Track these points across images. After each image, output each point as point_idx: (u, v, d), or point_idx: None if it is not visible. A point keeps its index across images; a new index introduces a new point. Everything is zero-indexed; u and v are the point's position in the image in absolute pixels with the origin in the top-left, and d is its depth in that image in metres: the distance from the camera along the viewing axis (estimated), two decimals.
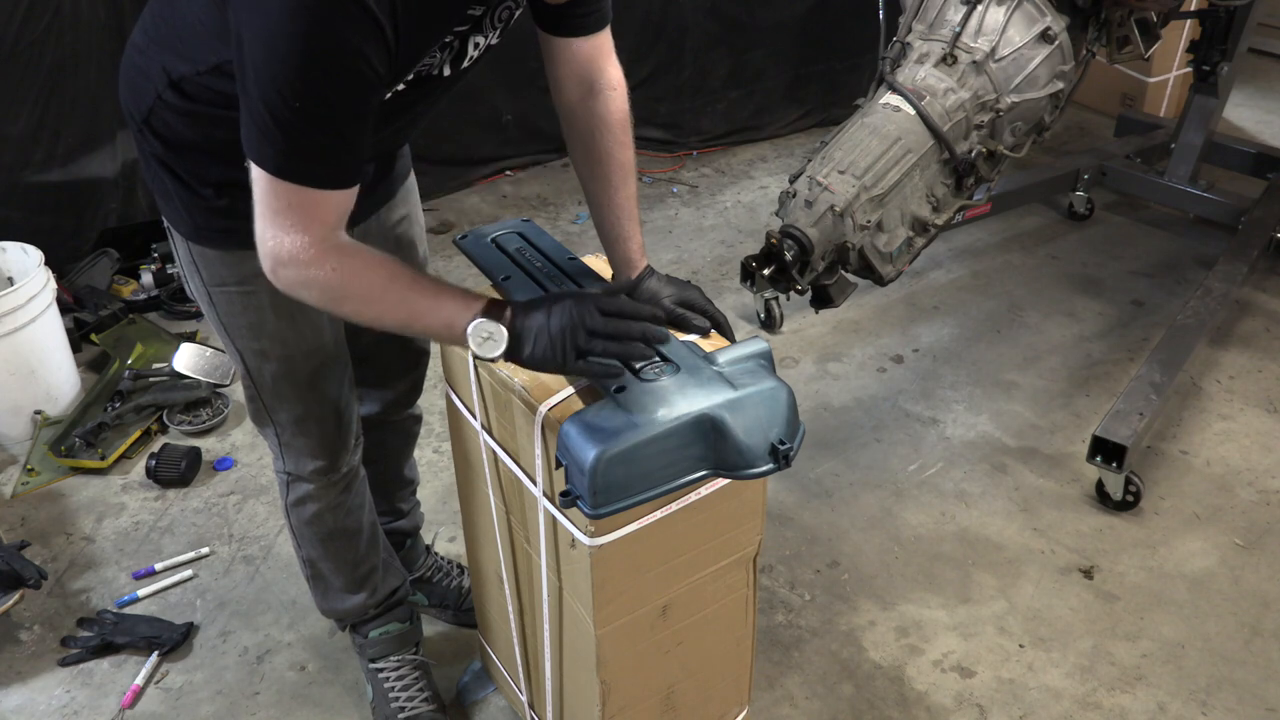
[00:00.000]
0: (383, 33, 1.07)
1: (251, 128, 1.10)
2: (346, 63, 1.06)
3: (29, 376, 2.51)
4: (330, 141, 1.12)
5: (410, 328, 1.24)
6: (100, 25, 2.88)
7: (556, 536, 1.36)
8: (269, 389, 1.54)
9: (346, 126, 1.12)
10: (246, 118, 1.11)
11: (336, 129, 1.11)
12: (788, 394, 1.24)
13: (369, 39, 1.06)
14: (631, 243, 1.46)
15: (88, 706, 1.91)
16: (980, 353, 2.87)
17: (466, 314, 1.19)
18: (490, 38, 1.30)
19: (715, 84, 3.97)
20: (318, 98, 1.07)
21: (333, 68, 1.06)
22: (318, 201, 1.14)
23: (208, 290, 1.45)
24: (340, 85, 1.08)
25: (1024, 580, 2.16)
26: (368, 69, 1.08)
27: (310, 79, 1.06)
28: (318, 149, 1.11)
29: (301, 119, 1.08)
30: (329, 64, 1.06)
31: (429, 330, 1.22)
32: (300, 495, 1.65)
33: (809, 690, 1.93)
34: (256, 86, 1.07)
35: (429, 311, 1.20)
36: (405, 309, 1.20)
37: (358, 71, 1.08)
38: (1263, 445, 2.51)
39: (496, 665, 1.83)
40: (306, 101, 1.07)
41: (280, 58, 1.05)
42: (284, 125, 1.08)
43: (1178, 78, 4.08)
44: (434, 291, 1.21)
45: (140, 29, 1.36)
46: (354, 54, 1.06)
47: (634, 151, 1.46)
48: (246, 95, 1.09)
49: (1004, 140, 2.19)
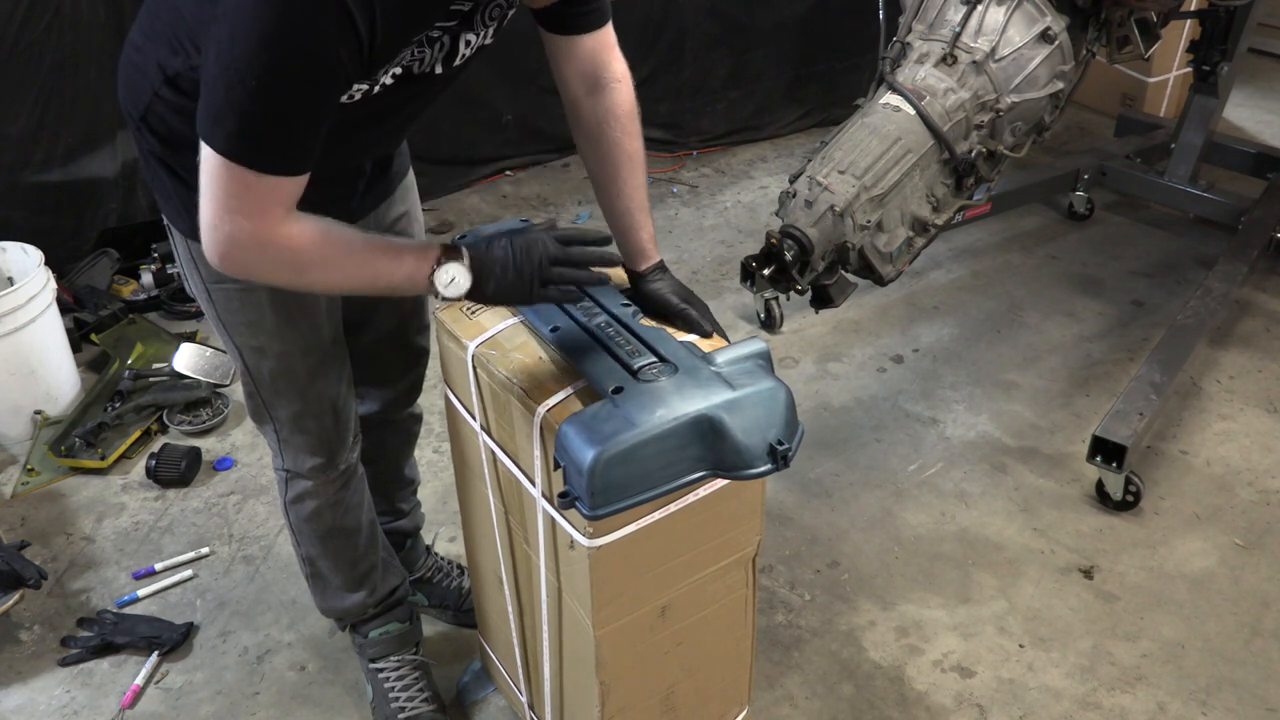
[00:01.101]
0: (353, 24, 1.06)
1: (207, 106, 1.10)
2: (310, 49, 1.06)
3: (29, 376, 2.52)
4: (282, 128, 1.11)
5: (375, 286, 1.25)
6: (100, 25, 2.88)
7: (555, 537, 1.36)
8: (267, 386, 1.54)
9: (302, 114, 1.11)
10: (204, 95, 1.10)
11: (291, 116, 1.10)
12: (786, 394, 1.24)
13: (338, 29, 1.05)
14: (643, 232, 1.46)
15: (88, 706, 1.91)
16: (980, 353, 2.87)
17: (427, 262, 1.22)
18: (484, 36, 1.30)
19: (715, 84, 3.97)
20: (276, 82, 1.07)
21: (294, 53, 1.05)
22: (270, 186, 1.13)
23: (206, 287, 1.46)
24: (300, 72, 1.07)
25: (1024, 580, 2.16)
26: (333, 59, 1.07)
27: (270, 63, 1.05)
28: (269, 134, 1.11)
29: (256, 101, 1.07)
30: (291, 49, 1.05)
31: (393, 285, 1.23)
32: (299, 492, 1.65)
33: (809, 690, 1.93)
34: (217, 64, 1.08)
35: (391, 267, 1.22)
36: (369, 270, 1.22)
37: (321, 60, 1.07)
38: (1263, 445, 2.51)
39: (496, 665, 1.83)
40: (263, 83, 1.06)
41: (243, 37, 1.05)
42: (237, 106, 1.07)
43: (1178, 78, 4.08)
44: (392, 249, 1.24)
45: (137, 26, 1.36)
46: (319, 42, 1.05)
47: (642, 143, 1.46)
48: (207, 72, 1.09)
49: (1004, 140, 2.19)
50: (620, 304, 1.40)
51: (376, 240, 1.25)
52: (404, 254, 1.23)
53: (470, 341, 1.41)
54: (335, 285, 1.25)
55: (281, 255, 1.17)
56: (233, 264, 1.18)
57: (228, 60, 1.06)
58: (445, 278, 1.22)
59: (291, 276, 1.21)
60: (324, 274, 1.22)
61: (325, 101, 1.13)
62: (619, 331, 1.34)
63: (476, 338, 1.41)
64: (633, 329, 1.35)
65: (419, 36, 1.19)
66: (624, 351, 1.30)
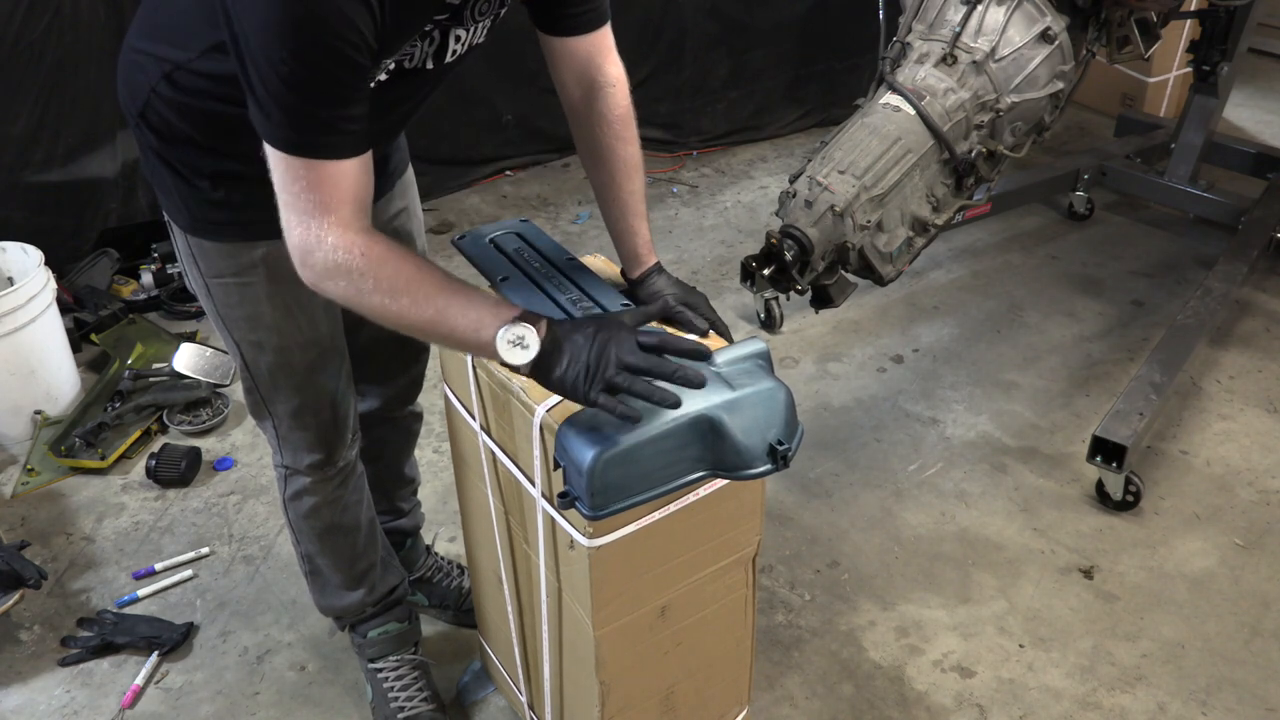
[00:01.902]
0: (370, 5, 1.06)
1: (255, 107, 1.11)
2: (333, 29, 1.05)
3: (29, 376, 2.52)
4: (326, 109, 1.10)
5: (436, 326, 1.16)
6: (100, 25, 2.88)
7: (555, 537, 1.36)
8: (265, 381, 1.54)
9: (340, 93, 1.11)
10: (250, 97, 1.11)
11: (330, 96, 1.10)
12: (786, 394, 1.24)
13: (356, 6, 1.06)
14: (638, 238, 1.46)
15: (88, 706, 1.91)
16: (980, 353, 2.87)
17: (498, 319, 1.14)
18: (475, 34, 1.30)
19: (715, 84, 3.98)
20: (307, 65, 1.06)
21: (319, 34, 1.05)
22: (332, 175, 1.12)
23: (206, 282, 1.46)
24: (328, 53, 1.07)
25: (1024, 580, 2.16)
26: (356, 36, 1.07)
27: (297, 47, 1.05)
28: (316, 118, 1.10)
29: (292, 89, 1.07)
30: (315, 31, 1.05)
31: (455, 331, 1.15)
32: (298, 489, 1.65)
33: (809, 690, 1.93)
34: (251, 63, 1.08)
35: (459, 310, 1.14)
36: (434, 305, 1.14)
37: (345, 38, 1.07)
38: (1263, 445, 2.51)
39: (496, 665, 1.83)
40: (296, 69, 1.06)
41: (267, 28, 1.05)
42: (278, 97, 1.08)
43: (1178, 78, 4.08)
44: (465, 292, 1.16)
45: (135, 24, 1.37)
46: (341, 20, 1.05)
47: (638, 147, 1.46)
48: (244, 73, 1.10)
49: (1004, 140, 2.19)
50: (619, 305, 1.40)
51: (454, 281, 1.17)
52: (475, 299, 1.15)
53: None
54: (395, 313, 1.15)
55: (348, 260, 1.12)
56: (315, 269, 1.14)
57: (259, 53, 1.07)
58: (511, 336, 1.12)
59: (355, 289, 1.14)
60: (387, 297, 1.14)
61: (360, 79, 1.12)
62: None
63: None
64: None
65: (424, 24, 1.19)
66: None
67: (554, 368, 1.15)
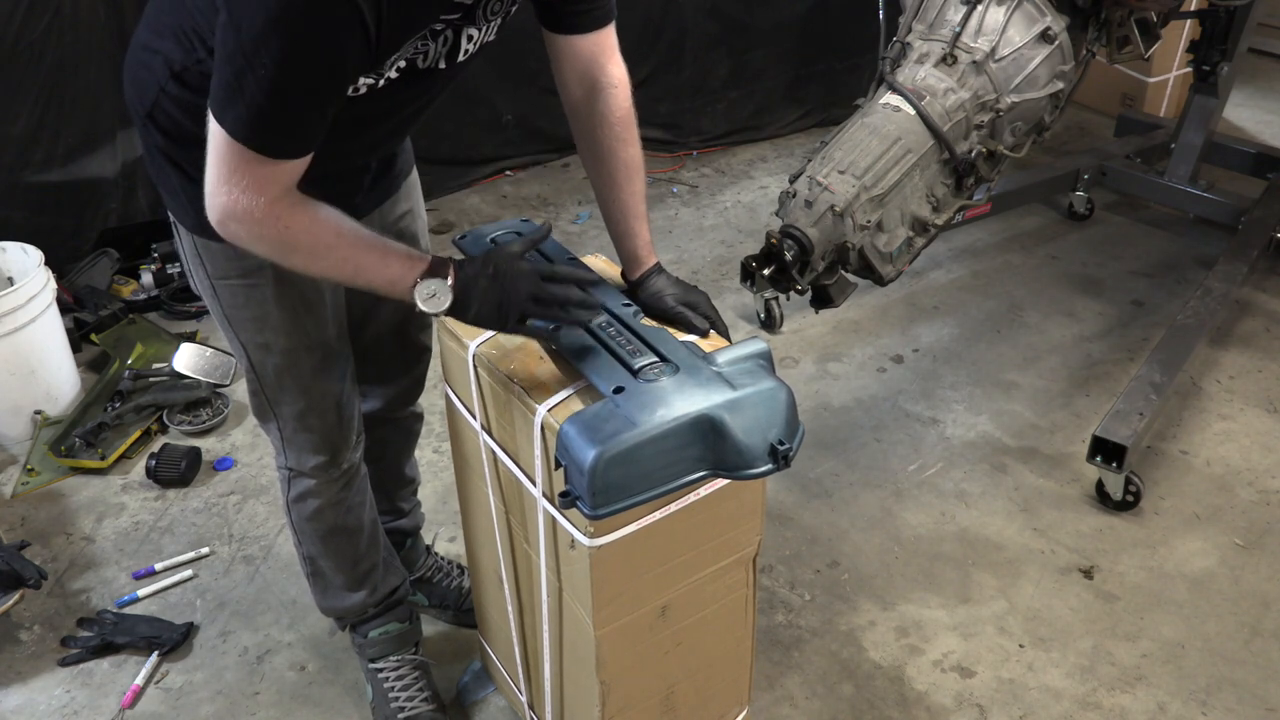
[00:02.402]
0: (361, 16, 1.07)
1: (218, 86, 1.12)
2: (318, 38, 1.07)
3: (29, 376, 2.52)
4: (289, 116, 1.13)
5: (355, 282, 1.26)
6: (100, 25, 2.88)
7: (556, 537, 1.36)
8: (271, 383, 1.54)
9: (309, 103, 1.13)
10: (216, 75, 1.12)
11: (299, 104, 1.12)
12: (787, 394, 1.24)
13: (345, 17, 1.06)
14: (638, 239, 1.46)
15: (88, 706, 1.91)
16: (980, 353, 2.87)
17: (411, 272, 1.23)
18: (486, 33, 1.30)
19: (715, 84, 3.98)
20: (284, 71, 1.08)
21: (302, 41, 1.07)
22: (274, 171, 1.15)
23: (212, 283, 1.46)
24: (308, 62, 1.09)
25: (1024, 580, 2.16)
26: (342, 50, 1.09)
27: (279, 51, 1.06)
28: (276, 122, 1.13)
29: (264, 90, 1.09)
30: (299, 37, 1.06)
31: (373, 285, 1.25)
32: (301, 491, 1.65)
33: (809, 690, 1.93)
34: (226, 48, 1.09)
35: (375, 267, 1.24)
36: (351, 264, 1.23)
37: (329, 49, 1.08)
38: (1263, 445, 2.51)
39: (496, 665, 1.83)
40: (272, 73, 1.07)
41: (251, 25, 1.06)
42: (247, 93, 1.09)
43: (1178, 78, 4.08)
44: (380, 249, 1.24)
45: (144, 23, 1.37)
46: (327, 30, 1.07)
47: (639, 148, 1.46)
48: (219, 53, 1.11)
49: (1004, 140, 2.19)
50: (621, 304, 1.40)
51: (370, 238, 1.25)
52: (392, 257, 1.24)
53: (471, 341, 1.41)
54: (318, 272, 1.26)
55: (272, 232, 1.19)
56: (226, 232, 1.20)
57: (235, 46, 1.08)
58: (426, 291, 1.23)
59: (277, 254, 1.23)
60: (308, 259, 1.23)
61: (333, 91, 1.14)
62: (620, 331, 1.34)
63: (478, 337, 1.41)
64: (633, 328, 1.35)
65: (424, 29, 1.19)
66: (625, 351, 1.30)
67: (468, 310, 1.26)
